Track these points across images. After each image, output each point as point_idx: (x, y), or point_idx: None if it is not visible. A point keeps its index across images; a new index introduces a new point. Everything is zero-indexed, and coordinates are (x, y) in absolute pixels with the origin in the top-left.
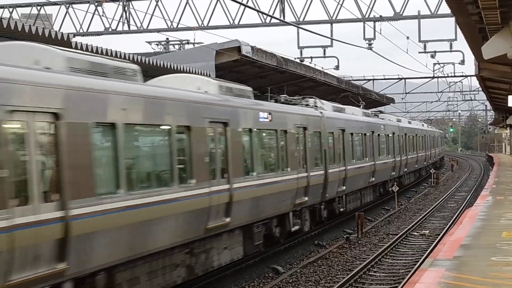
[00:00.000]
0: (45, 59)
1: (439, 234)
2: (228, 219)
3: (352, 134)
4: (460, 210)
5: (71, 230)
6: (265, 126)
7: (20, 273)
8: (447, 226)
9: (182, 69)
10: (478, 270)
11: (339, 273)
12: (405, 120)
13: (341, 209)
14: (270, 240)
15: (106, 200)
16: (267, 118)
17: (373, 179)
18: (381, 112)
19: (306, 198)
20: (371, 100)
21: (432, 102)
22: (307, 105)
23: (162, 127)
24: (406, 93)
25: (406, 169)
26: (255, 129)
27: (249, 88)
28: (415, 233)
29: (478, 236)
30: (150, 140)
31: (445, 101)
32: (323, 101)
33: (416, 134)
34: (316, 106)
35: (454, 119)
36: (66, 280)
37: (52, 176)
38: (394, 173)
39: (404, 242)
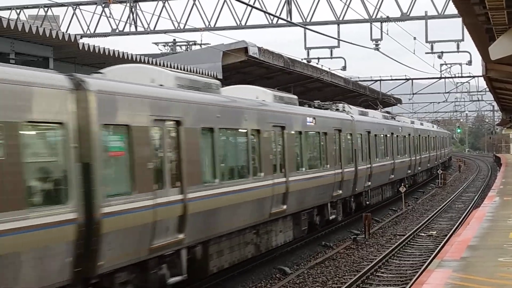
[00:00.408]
0: (159, 78)
1: (446, 235)
2: (284, 207)
3: (376, 135)
4: (467, 211)
5: (188, 209)
6: (311, 129)
7: (158, 240)
8: (455, 227)
9: (189, 70)
10: (485, 271)
11: (346, 274)
12: (418, 121)
13: (367, 202)
14: (311, 226)
15: (208, 187)
16: (312, 122)
17: (392, 176)
18: (388, 112)
19: (341, 192)
20: (379, 101)
21: (439, 102)
22: (337, 109)
23: (241, 130)
24: (413, 94)
25: (420, 168)
26: (304, 132)
27: (295, 97)
28: (423, 234)
29: (485, 237)
30: (234, 140)
31: (452, 102)
32: (350, 106)
33: (428, 135)
34: (344, 110)
35: (461, 120)
36: (182, 248)
37: (176, 168)
38: (410, 171)
39: (412, 243)
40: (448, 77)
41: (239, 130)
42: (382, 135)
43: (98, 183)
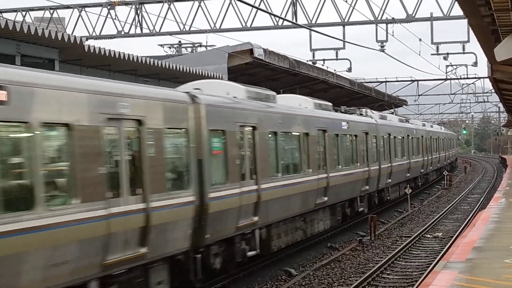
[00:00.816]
0: (232, 91)
1: (452, 237)
2: (326, 198)
3: (395, 137)
4: (473, 212)
5: (260, 197)
6: (345, 131)
7: (241, 221)
8: (460, 229)
9: (194, 72)
10: (491, 273)
11: (352, 275)
12: (428, 124)
13: (388, 197)
14: (344, 217)
15: (273, 179)
16: (346, 126)
17: (409, 174)
18: (393, 113)
19: (367, 187)
20: (384, 102)
21: (445, 104)
22: (361, 114)
23: (295, 133)
24: (418, 95)
25: (431, 167)
26: (340, 134)
27: (330, 104)
28: (428, 236)
29: (491, 238)
30: (290, 142)
31: (458, 103)
32: (372, 111)
33: (438, 137)
34: (367, 115)
35: (467, 121)
36: (256, 228)
37: (252, 164)
38: (423, 170)
39: (417, 245)
40: (454, 79)
41: (294, 133)
42: (400, 137)
43: (206, 174)
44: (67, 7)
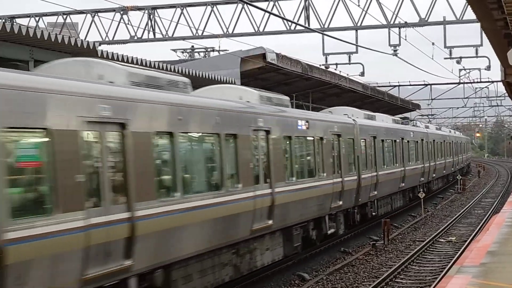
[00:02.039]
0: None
1: (465, 241)
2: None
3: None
4: (487, 216)
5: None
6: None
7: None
8: (474, 233)
9: (207, 77)
10: (505, 277)
11: (365, 280)
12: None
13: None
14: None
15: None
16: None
17: (403, 184)
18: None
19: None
20: (397, 107)
21: (458, 108)
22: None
23: (309, 138)
24: (432, 99)
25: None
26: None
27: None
28: (442, 240)
29: (505, 242)
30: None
31: (471, 107)
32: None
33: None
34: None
35: (480, 125)
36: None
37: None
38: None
39: (431, 249)
40: (467, 82)
41: (308, 138)
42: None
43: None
44: (80, 12)
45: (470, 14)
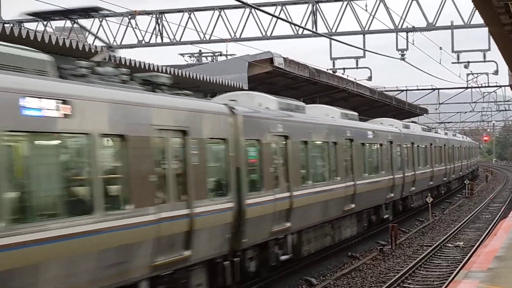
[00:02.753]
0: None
1: (473, 246)
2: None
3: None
4: (494, 221)
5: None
6: (371, 141)
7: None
8: (482, 238)
9: (214, 81)
10: None
11: (372, 285)
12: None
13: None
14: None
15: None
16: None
17: (431, 182)
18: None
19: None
20: (405, 111)
21: (465, 112)
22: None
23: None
24: (439, 104)
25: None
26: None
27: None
28: (450, 245)
29: None
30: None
31: (479, 112)
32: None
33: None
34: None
35: (488, 130)
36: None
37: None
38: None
39: (438, 254)
40: (475, 87)
41: (323, 142)
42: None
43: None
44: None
45: (478, 19)
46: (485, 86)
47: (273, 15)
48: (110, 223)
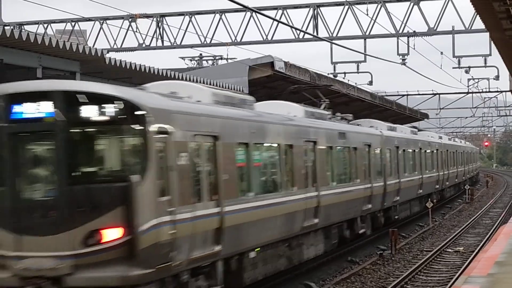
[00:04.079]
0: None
1: (473, 251)
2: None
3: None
4: (495, 226)
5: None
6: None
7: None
8: (482, 243)
9: (215, 85)
10: None
11: None
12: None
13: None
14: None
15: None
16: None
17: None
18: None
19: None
20: (405, 116)
21: (466, 117)
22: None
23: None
24: (440, 109)
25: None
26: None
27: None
28: (449, 250)
29: None
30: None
31: (480, 117)
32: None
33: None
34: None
35: (489, 135)
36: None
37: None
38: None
39: (438, 259)
40: (476, 92)
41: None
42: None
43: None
44: (89, 19)
45: (479, 24)
46: (486, 91)
47: (274, 19)
48: (288, 197)
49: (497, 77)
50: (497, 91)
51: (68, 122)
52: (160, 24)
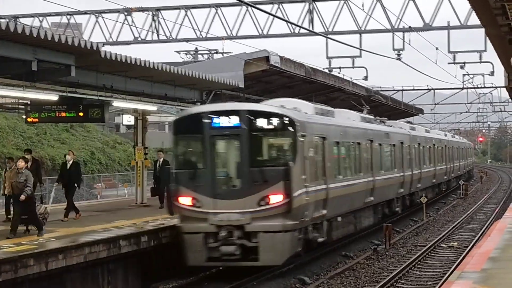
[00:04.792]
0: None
1: (467, 246)
2: (434, 180)
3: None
4: (488, 222)
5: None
6: (387, 141)
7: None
8: (476, 238)
9: (210, 79)
10: (506, 283)
11: (366, 284)
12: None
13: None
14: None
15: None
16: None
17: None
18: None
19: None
20: (400, 111)
21: (461, 113)
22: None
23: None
24: (435, 104)
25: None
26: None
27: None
28: (443, 245)
29: (506, 248)
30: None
31: (475, 112)
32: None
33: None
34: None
35: (483, 131)
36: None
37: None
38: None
39: (432, 254)
40: (471, 88)
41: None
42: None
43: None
44: (84, 13)
45: (474, 19)
46: (481, 87)
47: (269, 13)
48: (359, 180)
49: (492, 73)
50: (492, 87)
51: (249, 129)
52: (155, 17)
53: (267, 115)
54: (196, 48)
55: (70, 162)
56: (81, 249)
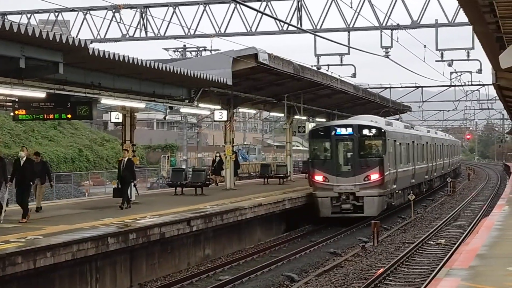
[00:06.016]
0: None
1: (455, 244)
2: (443, 171)
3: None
4: (476, 219)
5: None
6: (429, 141)
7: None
8: (463, 236)
9: (199, 76)
10: (494, 280)
11: (354, 281)
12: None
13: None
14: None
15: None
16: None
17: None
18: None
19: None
20: (388, 109)
21: (449, 110)
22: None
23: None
24: (423, 102)
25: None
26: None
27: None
28: (431, 242)
29: (494, 245)
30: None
31: (462, 110)
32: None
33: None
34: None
35: (471, 128)
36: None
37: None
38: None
39: (420, 251)
40: (458, 85)
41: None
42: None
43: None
44: (72, 10)
45: (462, 17)
46: (469, 85)
47: (258, 11)
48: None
49: (479, 71)
50: (479, 84)
51: (359, 136)
52: (144, 15)
53: (369, 127)
54: (185, 45)
55: (24, 158)
56: (69, 247)
